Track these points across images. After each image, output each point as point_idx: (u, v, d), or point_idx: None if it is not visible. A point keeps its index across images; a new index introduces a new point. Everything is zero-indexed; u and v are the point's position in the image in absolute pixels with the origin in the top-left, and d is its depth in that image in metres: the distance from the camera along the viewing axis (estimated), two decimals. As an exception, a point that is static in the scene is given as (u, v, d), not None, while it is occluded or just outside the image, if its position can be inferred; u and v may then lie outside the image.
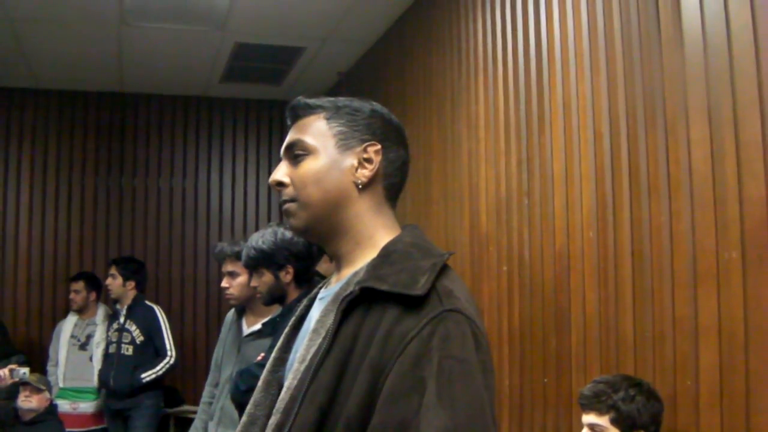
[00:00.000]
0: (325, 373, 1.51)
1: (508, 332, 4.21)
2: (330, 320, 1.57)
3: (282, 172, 1.75)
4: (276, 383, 1.82)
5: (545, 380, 3.84)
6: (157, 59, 7.32)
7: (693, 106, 2.91)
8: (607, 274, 3.38)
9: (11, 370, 5.46)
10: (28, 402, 5.19)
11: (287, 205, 1.74)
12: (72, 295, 7.01)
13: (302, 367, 1.58)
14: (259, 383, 1.84)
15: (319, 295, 1.81)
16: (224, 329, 4.59)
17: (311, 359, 1.56)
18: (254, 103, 8.77)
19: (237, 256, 4.23)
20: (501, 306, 4.29)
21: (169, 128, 8.63)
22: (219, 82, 8.06)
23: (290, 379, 1.60)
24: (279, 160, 1.78)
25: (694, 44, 2.91)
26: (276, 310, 3.91)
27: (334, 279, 1.78)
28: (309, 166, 1.71)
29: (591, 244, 3.50)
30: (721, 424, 2.73)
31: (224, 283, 4.39)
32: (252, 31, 6.54)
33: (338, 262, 1.76)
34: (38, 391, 5.25)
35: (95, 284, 7.08)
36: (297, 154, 1.73)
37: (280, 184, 1.75)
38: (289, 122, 1.80)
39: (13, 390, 5.34)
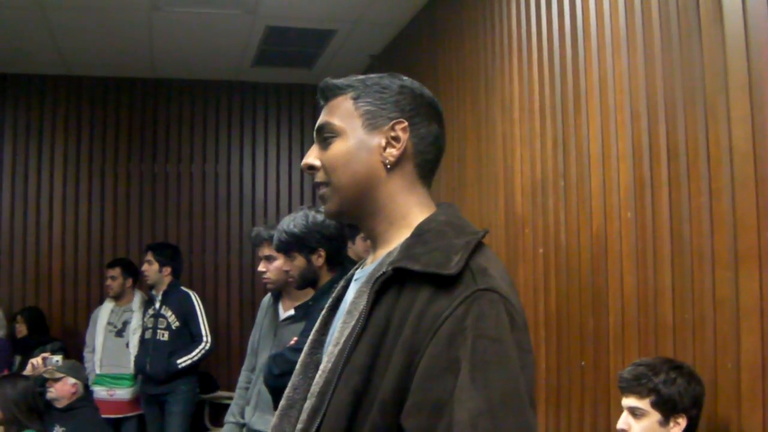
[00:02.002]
0: (359, 355, 1.50)
1: (544, 315, 4.17)
2: (363, 301, 1.56)
3: (312, 156, 1.76)
4: (314, 366, 1.80)
5: (583, 363, 3.80)
6: (189, 44, 7.33)
7: (733, 83, 2.84)
8: (646, 255, 3.33)
9: (44, 359, 5.48)
10: (49, 393, 5.20)
11: (321, 191, 1.74)
12: (108, 282, 7.05)
13: (336, 350, 1.57)
14: (297, 366, 1.83)
15: (355, 276, 1.80)
16: (260, 314, 4.59)
17: (345, 342, 1.55)
18: (286, 87, 8.75)
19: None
20: (537, 289, 4.25)
21: (201, 113, 8.64)
22: (250, 66, 8.05)
23: (324, 362, 1.59)
24: (311, 144, 1.77)
25: (733, 19, 2.85)
26: (311, 293, 3.89)
27: (369, 259, 1.77)
28: (337, 148, 1.70)
29: (629, 225, 3.45)
30: (764, 407, 2.68)
31: (261, 267, 4.38)
32: (283, 15, 6.52)
33: (373, 242, 1.75)
34: (56, 380, 5.25)
35: (131, 271, 7.10)
36: (326, 136, 1.73)
37: (311, 168, 1.75)
38: (321, 104, 1.79)
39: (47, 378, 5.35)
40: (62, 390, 5.22)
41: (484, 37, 5.10)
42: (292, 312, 4.16)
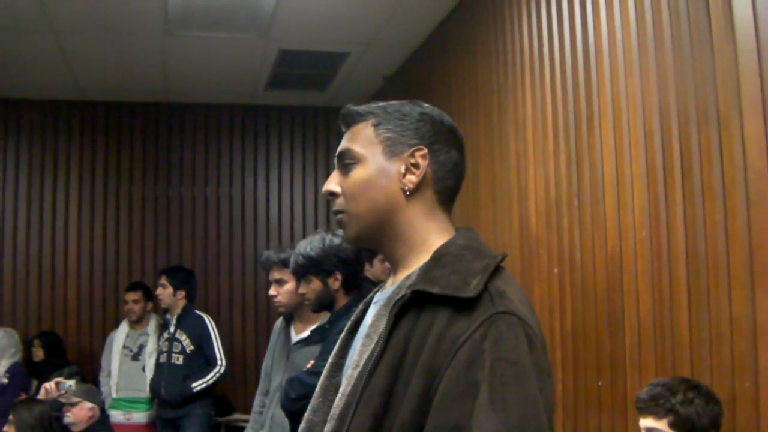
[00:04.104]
0: (379, 378, 1.51)
1: (560, 335, 4.16)
2: (382, 325, 1.57)
3: (333, 182, 1.77)
4: (333, 388, 1.80)
5: (599, 383, 3.79)
6: (202, 68, 7.36)
7: (746, 101, 2.84)
8: (661, 274, 3.32)
9: (57, 383, 5.47)
10: (66, 417, 5.21)
11: (339, 217, 1.76)
12: (130, 306, 7.06)
13: (356, 373, 1.57)
14: (317, 389, 1.84)
15: (374, 299, 1.81)
16: (273, 337, 4.59)
17: (364, 365, 1.56)
18: (299, 109, 8.77)
19: (283, 264, 4.23)
20: (553, 308, 4.23)
21: (215, 137, 8.67)
22: (264, 89, 8.08)
23: (344, 385, 1.60)
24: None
25: (746, 37, 2.85)
26: (324, 316, 3.89)
27: (389, 282, 1.77)
28: (357, 175, 1.71)
29: (644, 244, 3.44)
30: (783, 426, 2.66)
31: (272, 291, 4.38)
32: (296, 38, 6.55)
33: (393, 266, 1.76)
34: (73, 404, 5.25)
35: (150, 294, 7.12)
36: (347, 162, 1.74)
37: (332, 194, 1.76)
38: (342, 130, 1.81)
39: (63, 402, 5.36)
40: (79, 414, 5.22)
41: (496, 57, 5.10)
42: (304, 335, 4.17)
